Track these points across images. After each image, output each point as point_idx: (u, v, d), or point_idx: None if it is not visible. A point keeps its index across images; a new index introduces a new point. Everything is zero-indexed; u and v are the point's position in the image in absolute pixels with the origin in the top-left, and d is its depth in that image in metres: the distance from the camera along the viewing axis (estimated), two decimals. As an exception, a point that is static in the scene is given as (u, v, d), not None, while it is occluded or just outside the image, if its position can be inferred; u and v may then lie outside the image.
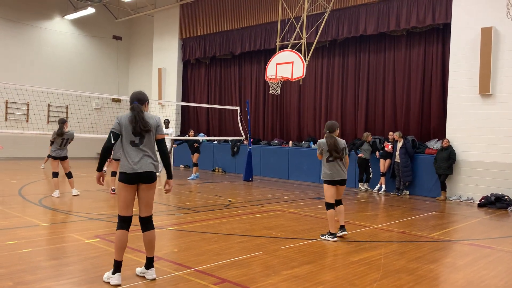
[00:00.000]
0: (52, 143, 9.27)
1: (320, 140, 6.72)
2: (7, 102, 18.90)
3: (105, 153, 4.31)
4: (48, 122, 20.19)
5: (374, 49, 14.11)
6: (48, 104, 19.98)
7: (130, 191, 4.28)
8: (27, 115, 19.87)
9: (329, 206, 6.44)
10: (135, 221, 4.45)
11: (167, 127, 14.68)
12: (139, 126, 4.22)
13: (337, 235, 6.37)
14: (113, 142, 4.28)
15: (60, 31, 21.60)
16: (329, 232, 6.32)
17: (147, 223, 4.41)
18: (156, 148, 4.41)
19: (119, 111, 22.30)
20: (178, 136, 19.23)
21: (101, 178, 4.43)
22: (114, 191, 9.85)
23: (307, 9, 13.00)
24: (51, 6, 21.10)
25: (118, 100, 22.77)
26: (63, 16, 21.49)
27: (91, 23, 22.44)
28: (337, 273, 4.76)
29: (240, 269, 4.73)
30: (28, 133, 13.62)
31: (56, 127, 9.43)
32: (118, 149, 5.48)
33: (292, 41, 13.19)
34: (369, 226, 7.41)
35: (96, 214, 7.53)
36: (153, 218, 4.48)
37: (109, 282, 4.15)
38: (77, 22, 22.04)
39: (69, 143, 9.46)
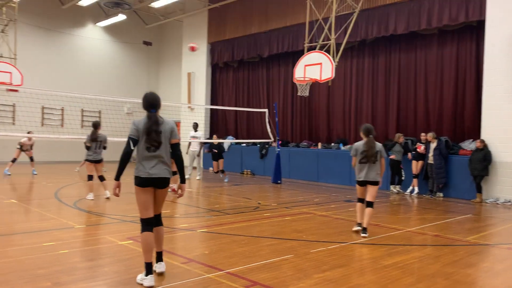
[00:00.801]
0: (88, 147, 9.40)
1: (356, 143, 6.99)
2: (43, 108, 19.55)
3: (125, 159, 4.38)
4: (82, 126, 20.76)
5: (404, 48, 13.85)
6: (82, 109, 20.56)
7: (147, 193, 4.41)
8: (62, 120, 20.50)
9: (358, 200, 7.11)
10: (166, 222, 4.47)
11: (195, 130, 14.78)
12: (153, 139, 4.35)
13: (353, 229, 6.93)
14: (132, 148, 4.39)
15: (92, 38, 22.21)
16: (357, 223, 6.94)
17: (157, 220, 4.56)
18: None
19: (150, 115, 22.66)
20: (208, 139, 19.41)
21: (118, 188, 4.49)
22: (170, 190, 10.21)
23: (336, 10, 12.88)
24: (84, 14, 21.72)
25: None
26: (96, 23, 22.09)
27: (122, 29, 22.97)
28: (369, 277, 4.68)
29: (270, 272, 4.71)
30: (63, 137, 14.06)
31: (89, 131, 9.61)
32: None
33: (320, 42, 13.08)
34: (402, 229, 7.26)
35: (128, 216, 7.67)
36: (184, 220, 4.54)
37: (142, 284, 4.22)
38: (108, 29, 22.61)
39: (104, 146, 9.57)
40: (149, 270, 4.25)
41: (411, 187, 12.13)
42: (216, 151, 14.18)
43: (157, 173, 4.36)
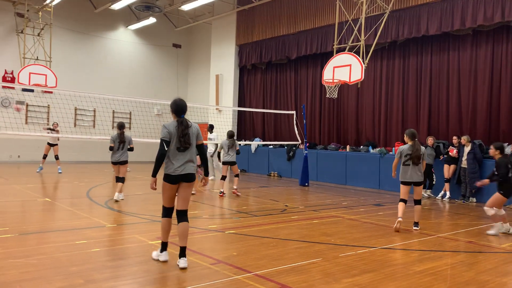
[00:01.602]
0: (111, 148, 9.19)
1: (402, 146, 7.59)
2: (76, 109, 20.10)
3: (161, 160, 4.94)
4: (113, 127, 21.21)
5: (437, 50, 13.54)
6: (113, 110, 21.02)
7: (173, 189, 5.00)
8: (94, 121, 21.01)
9: (400, 200, 7.50)
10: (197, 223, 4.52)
11: (211, 132, 14.79)
12: (185, 142, 4.94)
13: (395, 226, 7.26)
14: (166, 149, 4.92)
15: (124, 41, 22.70)
16: (398, 217, 7.34)
17: (183, 216, 5.00)
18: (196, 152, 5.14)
19: (178, 116, 22.96)
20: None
21: (154, 183, 5.05)
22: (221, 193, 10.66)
23: (366, 11, 12.72)
24: (116, 17, 22.22)
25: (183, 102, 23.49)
26: (127, 27, 22.56)
27: (153, 32, 23.37)
28: (400, 282, 4.58)
29: (299, 275, 4.68)
30: (95, 138, 14.39)
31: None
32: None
33: (350, 43, 12.96)
34: (433, 235, 7.08)
35: (158, 217, 7.75)
36: (212, 221, 4.60)
37: (158, 259, 4.95)
38: (139, 32, 23.05)
39: (129, 147, 9.37)
40: (164, 247, 5.04)
41: (442, 192, 11.83)
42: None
43: (185, 170, 4.95)
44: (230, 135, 11.14)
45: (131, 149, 9.52)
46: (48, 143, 14.87)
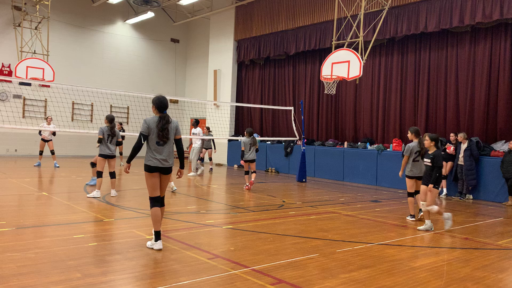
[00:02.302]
0: (100, 140, 8.94)
1: (410, 144, 7.90)
2: (73, 103, 20.04)
3: (137, 151, 5.39)
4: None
5: (435, 46, 13.54)
6: (111, 105, 20.97)
7: (154, 178, 5.42)
8: (91, 115, 20.96)
9: (409, 194, 8.02)
10: (195, 218, 4.52)
11: (195, 127, 14.73)
12: (164, 136, 5.35)
13: (410, 219, 7.99)
14: (143, 142, 5.40)
15: (121, 35, 22.61)
16: (410, 214, 8.03)
17: (162, 202, 5.58)
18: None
19: (177, 111, 22.98)
20: (232, 136, 19.50)
21: (128, 168, 5.68)
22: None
23: (365, 7, 12.70)
24: (114, 11, 22.12)
25: (176, 101, 23.47)
26: (125, 21, 22.47)
27: (151, 26, 23.29)
28: (396, 278, 4.60)
29: (296, 270, 4.70)
30: (93, 132, 14.34)
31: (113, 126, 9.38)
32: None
33: (348, 39, 12.94)
34: (430, 231, 7.11)
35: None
36: (209, 216, 4.61)
37: (153, 248, 5.27)
38: (137, 26, 22.96)
39: (117, 141, 9.32)
40: (158, 236, 5.32)
41: (439, 189, 11.85)
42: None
43: (164, 163, 5.39)
44: (250, 133, 11.42)
45: (120, 143, 9.62)
46: (42, 140, 14.80)
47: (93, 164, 10.25)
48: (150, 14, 21.09)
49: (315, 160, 15.78)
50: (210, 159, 16.25)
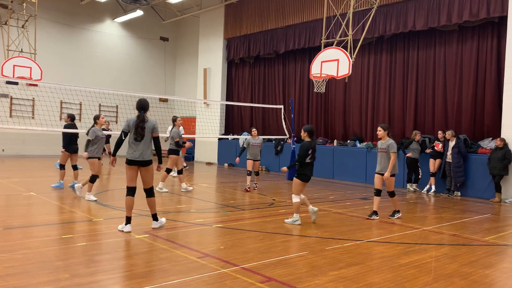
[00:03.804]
0: (90, 142, 8.69)
1: (393, 141, 7.78)
2: (61, 102, 19.84)
3: (118, 145, 6.16)
4: (99, 121, 20.99)
5: (423, 45, 13.65)
6: (99, 104, 20.80)
7: (132, 169, 6.09)
8: (80, 114, 20.77)
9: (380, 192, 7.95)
10: (186, 216, 4.51)
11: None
12: (139, 133, 6.00)
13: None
14: (123, 138, 6.11)
15: (110, 34, 22.43)
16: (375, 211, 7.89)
17: (148, 192, 6.24)
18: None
19: (167, 110, 22.81)
20: (223, 135, 19.48)
21: (114, 161, 6.40)
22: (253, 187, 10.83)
23: (353, 6, 12.75)
24: (102, 9, 21.94)
25: (165, 100, 23.34)
26: (113, 19, 22.30)
27: (140, 25, 23.14)
28: (385, 275, 4.64)
29: (286, 268, 4.72)
30: (82, 131, 14.22)
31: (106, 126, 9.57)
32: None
33: (337, 38, 12.99)
34: (418, 228, 7.18)
35: (146, 211, 7.74)
36: (199, 215, 4.61)
37: (123, 230, 6.00)
38: (126, 25, 22.80)
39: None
40: (128, 221, 6.07)
41: (428, 186, 11.98)
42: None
43: (140, 157, 6.02)
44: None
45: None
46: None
47: (62, 166, 10.27)
48: (139, 13, 20.96)
49: (305, 158, 15.80)
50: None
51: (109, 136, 15.64)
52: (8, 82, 17.27)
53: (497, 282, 4.68)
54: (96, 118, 8.97)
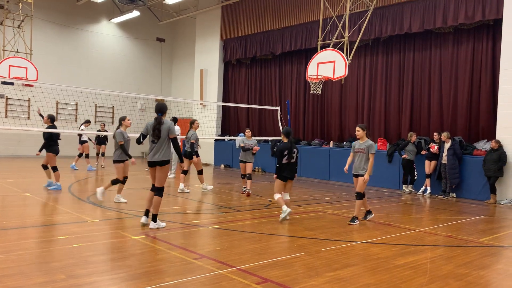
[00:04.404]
0: (121, 145, 8.27)
1: (371, 141, 7.58)
2: (57, 103, 19.78)
3: (138, 144, 6.68)
4: (95, 122, 20.95)
5: (419, 47, 13.72)
6: (95, 104, 20.77)
7: (152, 170, 6.52)
8: (76, 115, 20.72)
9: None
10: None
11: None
12: (155, 134, 6.37)
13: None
14: (141, 141, 6.61)
15: (106, 34, 22.39)
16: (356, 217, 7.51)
17: (156, 191, 6.47)
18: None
19: (162, 111, 22.82)
20: (219, 136, 19.48)
21: (133, 161, 7.96)
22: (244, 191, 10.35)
23: (350, 7, 12.80)
24: (99, 10, 21.90)
25: (162, 101, 23.32)
26: (110, 20, 22.26)
27: (136, 26, 23.11)
28: (381, 276, 4.66)
29: (282, 269, 4.72)
30: (77, 132, 14.19)
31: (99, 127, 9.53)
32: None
33: (334, 40, 13.03)
34: (414, 229, 7.21)
35: (141, 212, 7.73)
36: (195, 216, 4.61)
37: (141, 221, 6.55)
38: (122, 25, 22.76)
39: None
40: (146, 213, 6.56)
41: (423, 187, 12.03)
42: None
43: (156, 158, 6.38)
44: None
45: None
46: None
47: (54, 168, 10.15)
48: (135, 13, 20.93)
49: (301, 159, 15.84)
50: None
51: (105, 138, 15.64)
52: (4, 83, 17.21)
53: (492, 283, 4.71)
54: (122, 119, 8.41)
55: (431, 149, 11.86)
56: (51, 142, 10.00)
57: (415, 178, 12.29)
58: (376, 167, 13.45)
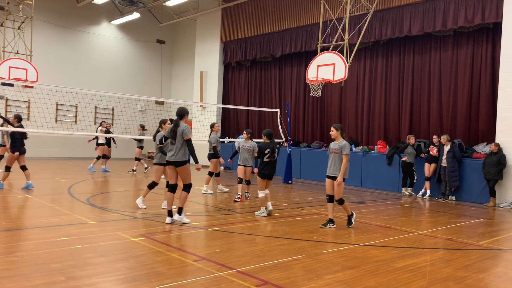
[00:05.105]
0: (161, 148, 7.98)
1: (346, 142, 7.29)
2: (57, 104, 19.78)
3: (160, 147, 7.72)
4: (95, 123, 20.96)
5: (419, 50, 13.74)
6: (95, 106, 20.77)
7: (170, 169, 6.98)
8: (76, 116, 20.72)
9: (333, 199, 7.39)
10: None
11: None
12: (172, 136, 6.82)
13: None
14: (163, 142, 7.33)
15: (106, 36, 22.41)
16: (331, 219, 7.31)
17: (184, 187, 6.96)
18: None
19: (163, 113, 22.80)
20: (219, 138, 19.47)
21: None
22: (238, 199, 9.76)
23: (350, 10, 12.82)
24: (99, 12, 21.93)
25: (162, 103, 23.33)
26: (110, 21, 22.28)
27: (136, 27, 23.14)
28: (381, 279, 4.66)
29: (282, 271, 4.72)
30: (77, 134, 14.19)
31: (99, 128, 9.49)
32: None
33: (334, 42, 13.05)
34: (413, 232, 7.21)
35: (141, 213, 7.74)
36: (195, 218, 4.67)
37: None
38: (122, 27, 22.79)
39: None
40: (168, 214, 6.97)
41: (423, 190, 12.03)
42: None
43: (173, 158, 6.81)
44: (250, 133, 10.48)
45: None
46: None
47: (8, 168, 10.08)
48: (135, 15, 20.96)
49: (301, 161, 15.85)
50: (139, 159, 15.03)
51: (109, 140, 15.59)
52: (4, 84, 17.22)
53: (492, 286, 4.71)
54: (163, 123, 8.15)
55: (430, 152, 11.87)
56: (19, 142, 9.88)
57: (415, 181, 12.29)
58: (376, 169, 13.54)
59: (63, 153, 20.27)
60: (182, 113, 6.88)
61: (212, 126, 11.22)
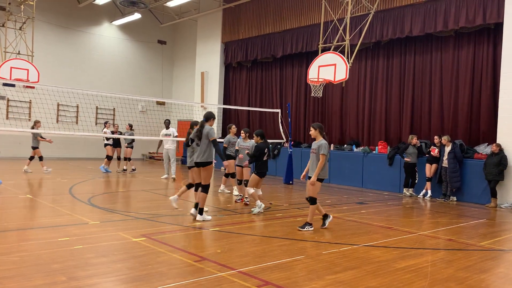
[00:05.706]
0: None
1: (324, 142, 7.22)
2: (58, 105, 19.81)
3: (185, 149, 7.93)
4: (96, 124, 20.98)
5: (420, 50, 13.73)
6: (96, 106, 20.79)
7: (194, 170, 7.73)
8: (77, 117, 20.75)
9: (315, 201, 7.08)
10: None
11: (167, 128, 13.73)
12: (197, 136, 7.33)
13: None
14: (190, 144, 7.90)
15: (108, 36, 22.44)
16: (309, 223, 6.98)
17: (202, 187, 7.33)
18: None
19: (164, 113, 22.84)
20: (220, 138, 19.47)
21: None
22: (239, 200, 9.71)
23: (351, 11, 12.82)
24: (100, 12, 21.95)
25: (163, 103, 23.34)
26: (111, 22, 22.31)
27: (137, 28, 23.16)
28: (382, 279, 4.65)
29: (283, 272, 4.72)
30: (78, 134, 14.21)
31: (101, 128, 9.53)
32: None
33: (335, 43, 13.05)
34: (415, 233, 7.20)
35: (142, 214, 7.75)
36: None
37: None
38: (124, 28, 22.81)
39: None
40: (195, 206, 7.46)
41: (424, 190, 12.02)
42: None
43: (198, 159, 7.22)
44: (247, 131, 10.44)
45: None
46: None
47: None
48: (136, 16, 20.98)
49: (302, 162, 15.82)
50: (129, 159, 15.40)
51: (118, 140, 15.58)
52: (5, 84, 17.25)
53: (493, 287, 4.70)
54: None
55: (431, 153, 11.86)
56: None
57: (416, 181, 12.28)
58: (377, 170, 13.53)
59: (64, 154, 20.29)
60: (209, 116, 7.38)
61: (229, 128, 10.79)
